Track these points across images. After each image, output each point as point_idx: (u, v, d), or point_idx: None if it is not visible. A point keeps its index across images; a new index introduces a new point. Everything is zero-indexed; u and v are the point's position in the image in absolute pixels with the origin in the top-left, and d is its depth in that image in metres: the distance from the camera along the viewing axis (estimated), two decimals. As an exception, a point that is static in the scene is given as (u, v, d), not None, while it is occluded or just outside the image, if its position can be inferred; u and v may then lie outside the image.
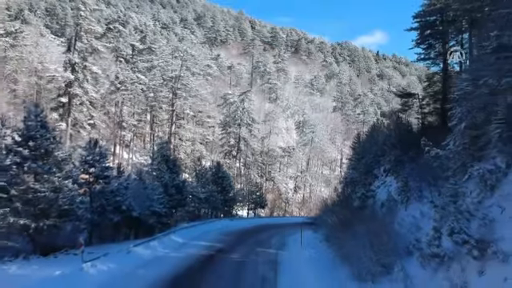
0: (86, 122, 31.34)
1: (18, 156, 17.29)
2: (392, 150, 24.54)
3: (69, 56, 30.65)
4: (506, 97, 12.15)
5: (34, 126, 17.64)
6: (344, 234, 17.95)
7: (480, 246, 9.39)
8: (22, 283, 12.32)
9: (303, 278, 15.32)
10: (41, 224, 17.24)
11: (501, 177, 11.58)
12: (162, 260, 17.80)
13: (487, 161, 12.91)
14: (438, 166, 16.35)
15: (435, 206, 12.72)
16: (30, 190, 17.08)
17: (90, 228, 21.06)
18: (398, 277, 12.32)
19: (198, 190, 38.01)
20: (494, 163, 12.19)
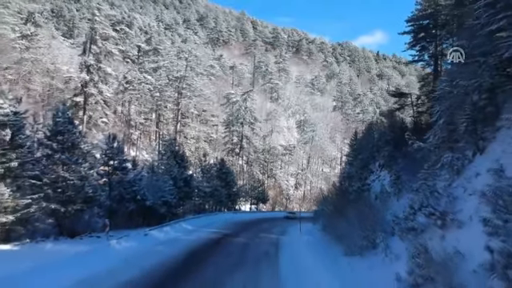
0: (99, 119, 33.46)
1: (48, 148, 19.51)
2: (386, 146, 26.61)
3: (84, 58, 32.83)
4: (471, 96, 14.28)
5: (62, 122, 19.86)
6: (338, 220, 20.19)
7: (442, 217, 11.58)
8: (62, 255, 14.50)
9: (301, 254, 17.52)
10: (69, 208, 19.45)
11: (466, 163, 13.74)
12: (176, 241, 20.03)
13: (459, 151, 15.07)
14: (420, 158, 18.51)
15: (412, 190, 14.92)
16: (59, 178, 19.30)
17: (108, 215, 23.23)
18: (380, 249, 14.49)
19: (204, 184, 40.18)
20: (462, 152, 14.34)
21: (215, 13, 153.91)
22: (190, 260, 15.25)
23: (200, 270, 13.28)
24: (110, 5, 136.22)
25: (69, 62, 50.14)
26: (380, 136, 29.51)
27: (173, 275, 12.50)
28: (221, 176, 45.10)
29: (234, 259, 15.99)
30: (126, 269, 12.66)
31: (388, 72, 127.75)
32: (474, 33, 15.60)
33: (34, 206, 18.04)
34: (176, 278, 12.14)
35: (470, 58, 15.39)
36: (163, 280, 11.75)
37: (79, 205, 20.11)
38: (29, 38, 42.51)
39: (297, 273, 13.68)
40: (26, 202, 17.85)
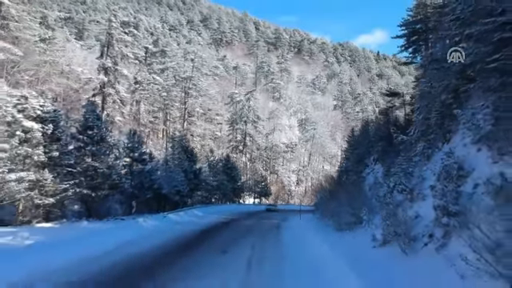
0: (116, 118, 36.31)
1: (80, 141, 22.46)
2: (380, 141, 29.44)
3: (102, 61, 35.77)
4: (441, 96, 17.15)
5: (92, 119, 22.81)
6: (333, 203, 23.18)
7: (411, 192, 14.48)
8: (102, 229, 17.46)
9: (299, 231, 20.46)
10: (98, 193, 22.41)
11: (436, 151, 16.62)
12: (191, 222, 23.01)
13: (431, 141, 17.94)
14: (403, 149, 21.39)
15: (392, 174, 17.81)
16: (90, 167, 22.25)
17: (129, 201, 26.24)
18: (364, 224, 17.38)
19: (210, 178, 43.14)
20: (433, 142, 17.22)
21: (218, 14, 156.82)
22: (206, 233, 18.24)
23: (214, 238, 16.31)
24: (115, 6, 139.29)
25: (82, 63, 53.12)
26: (375, 132, 32.42)
27: (193, 240, 15.52)
28: (226, 171, 48.09)
29: (242, 233, 18.92)
30: (157, 236, 15.66)
31: (388, 72, 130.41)
32: (445, 41, 18.53)
33: (70, 191, 20.99)
34: (196, 241, 15.13)
35: (442, 62, 18.28)
36: (187, 243, 14.75)
37: (106, 191, 23.08)
38: (47, 42, 45.40)
39: (295, 241, 16.61)
40: (64, 187, 20.81)
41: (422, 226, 11.46)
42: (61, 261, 10.10)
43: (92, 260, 10.69)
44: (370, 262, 10.85)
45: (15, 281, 8.22)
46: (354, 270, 9.77)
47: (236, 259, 11.49)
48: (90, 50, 64.52)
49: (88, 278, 8.75)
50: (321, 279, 8.98)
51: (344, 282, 8.46)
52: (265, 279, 8.92)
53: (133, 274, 9.54)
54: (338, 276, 9.25)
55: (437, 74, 18.73)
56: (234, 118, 71.22)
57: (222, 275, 9.22)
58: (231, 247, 13.81)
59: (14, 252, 11.63)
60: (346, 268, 10.28)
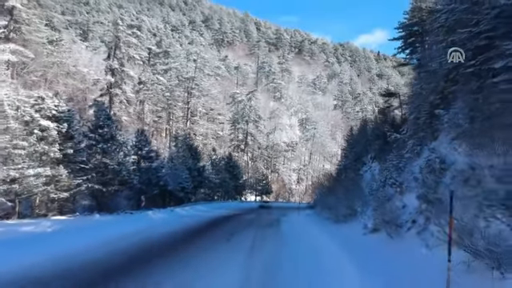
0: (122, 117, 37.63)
1: (92, 139, 23.82)
2: (377, 140, 30.79)
3: (109, 62, 37.12)
4: (429, 96, 18.45)
5: (103, 118, 24.16)
6: (330, 197, 24.57)
7: (400, 185, 15.79)
8: (112, 221, 18.78)
9: (298, 224, 21.79)
10: (109, 189, 23.77)
11: (424, 148, 17.93)
12: (197, 215, 24.33)
13: (421, 139, 19.25)
14: (396, 146, 22.71)
15: (384, 169, 19.12)
16: (101, 164, 23.62)
17: (137, 196, 27.59)
18: (358, 215, 18.71)
19: (213, 176, 44.48)
20: (422, 140, 18.53)
21: (220, 14, 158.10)
22: (211, 224, 19.61)
23: (219, 228, 17.64)
24: (118, 7, 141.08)
25: (88, 64, 54.52)
26: (372, 131, 33.75)
27: (202, 228, 16.88)
28: (228, 169, 49.44)
29: (245, 225, 20.27)
30: (168, 225, 17.04)
31: (388, 72, 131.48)
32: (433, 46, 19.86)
33: (83, 186, 22.36)
34: (204, 229, 16.51)
35: (431, 65, 19.58)
36: (195, 230, 16.11)
37: (116, 186, 24.46)
38: (54, 44, 46.77)
39: (294, 231, 17.95)
40: (77, 182, 22.20)
41: (407, 213, 12.77)
42: (86, 242, 11.45)
43: (114, 241, 12.08)
44: (359, 245, 12.20)
45: (55, 255, 9.60)
46: (345, 251, 11.12)
47: (240, 244, 12.82)
48: (95, 51, 65.88)
49: (116, 253, 10.13)
50: (316, 258, 10.29)
51: (335, 259, 9.77)
52: (266, 258, 10.24)
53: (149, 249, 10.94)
54: (331, 254, 10.58)
55: (426, 76, 20.08)
56: (235, 118, 72.55)
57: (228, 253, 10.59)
58: (235, 235, 15.15)
59: (44, 237, 13.00)
60: (339, 250, 11.64)
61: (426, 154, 17.40)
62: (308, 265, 9.06)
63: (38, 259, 9.26)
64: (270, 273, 8.29)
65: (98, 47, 67.45)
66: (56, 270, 8.31)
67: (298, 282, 7.60)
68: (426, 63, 19.74)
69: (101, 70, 52.91)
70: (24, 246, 11.45)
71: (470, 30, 12.14)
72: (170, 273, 8.09)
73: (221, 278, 7.70)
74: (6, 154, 19.37)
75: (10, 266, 8.34)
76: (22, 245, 11.60)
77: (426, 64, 19.81)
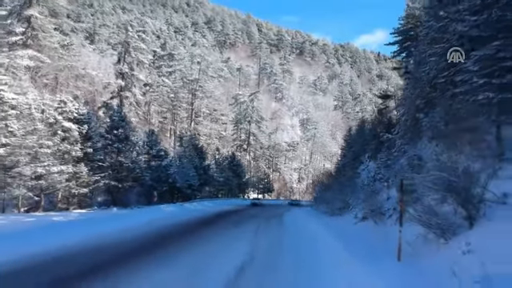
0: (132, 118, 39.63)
1: (108, 140, 25.88)
2: (373, 140, 32.80)
3: (119, 67, 39.23)
4: (416, 100, 20.45)
5: (117, 120, 26.23)
6: (327, 193, 26.59)
7: (387, 181, 17.82)
8: (129, 213, 20.84)
9: (298, 217, 23.84)
10: (124, 185, 25.84)
11: (409, 147, 19.96)
12: (204, 209, 26.51)
13: (408, 139, 21.25)
14: (387, 146, 24.72)
15: (377, 166, 21.14)
16: (117, 162, 25.68)
17: (148, 192, 29.66)
18: (351, 208, 20.74)
19: (216, 174, 46.52)
20: (409, 140, 20.54)
21: (222, 16, 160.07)
22: (220, 216, 21.79)
23: (227, 218, 19.71)
24: (121, 9, 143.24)
25: (97, 67, 56.62)
26: (369, 132, 35.77)
27: (210, 219, 18.96)
28: (232, 168, 51.48)
29: (249, 217, 22.34)
30: (181, 216, 19.13)
31: (388, 73, 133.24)
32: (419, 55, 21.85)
33: (101, 182, 24.44)
34: (213, 220, 18.57)
35: (416, 73, 21.57)
36: (205, 221, 18.20)
37: (130, 182, 26.52)
38: (65, 48, 48.86)
39: (295, 223, 19.98)
40: (95, 179, 24.26)
41: (390, 203, 14.80)
42: (113, 228, 13.54)
43: (137, 227, 14.14)
44: (348, 231, 14.24)
45: (89, 237, 11.67)
46: (335, 235, 13.16)
47: (247, 229, 14.88)
48: (102, 53, 67.93)
49: (143, 235, 12.19)
50: (311, 240, 12.33)
51: (326, 240, 11.81)
52: (269, 237, 12.29)
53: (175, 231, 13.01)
54: (323, 238, 12.62)
55: (413, 82, 22.11)
56: (238, 118, 74.60)
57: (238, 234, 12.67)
58: (242, 223, 17.23)
59: (74, 224, 15.07)
60: (330, 235, 13.67)
61: (410, 152, 19.45)
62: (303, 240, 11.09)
63: (76, 239, 11.32)
64: (273, 246, 10.35)
65: (105, 50, 69.47)
66: (93, 247, 10.40)
67: (295, 252, 9.64)
68: (413, 70, 21.79)
69: (109, 73, 55.04)
70: (62, 230, 13.57)
71: (443, 45, 14.13)
72: (197, 246, 10.15)
73: (235, 249, 9.76)
74: (34, 152, 21.41)
75: (58, 244, 10.39)
76: (60, 230, 13.74)
77: (413, 71, 21.87)
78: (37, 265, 7.95)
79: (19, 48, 34.07)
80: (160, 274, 7.08)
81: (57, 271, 7.52)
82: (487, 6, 10.33)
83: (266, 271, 7.56)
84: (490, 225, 7.36)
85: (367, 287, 6.00)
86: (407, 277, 6.12)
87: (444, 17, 13.98)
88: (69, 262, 8.42)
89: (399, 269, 6.80)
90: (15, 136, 20.02)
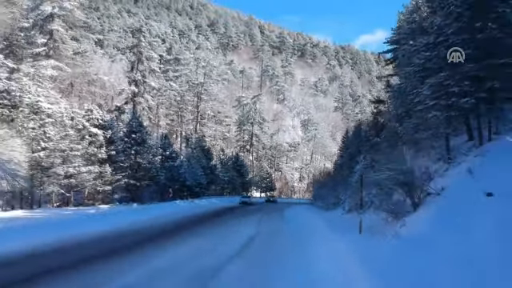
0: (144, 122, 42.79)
1: (127, 143, 29.08)
2: (367, 141, 35.88)
3: (132, 74, 42.44)
4: (398, 110, 23.52)
5: (135, 125, 29.42)
6: (323, 190, 29.74)
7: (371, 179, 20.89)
8: (149, 207, 24.03)
9: (297, 212, 27.00)
10: (141, 183, 29.06)
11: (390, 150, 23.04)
12: (213, 205, 29.84)
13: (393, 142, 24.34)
14: (375, 148, 27.81)
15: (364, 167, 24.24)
16: (135, 163, 28.88)
17: (162, 190, 32.85)
18: (342, 203, 23.91)
19: (222, 174, 49.71)
20: (392, 144, 23.63)
21: (225, 18, 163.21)
22: (228, 209, 25.04)
23: (235, 211, 22.92)
24: (127, 12, 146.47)
25: (108, 72, 59.87)
26: (365, 133, 38.89)
27: (222, 212, 22.20)
28: (236, 168, 54.67)
29: (253, 211, 25.55)
30: (194, 209, 22.35)
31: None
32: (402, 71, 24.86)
33: (122, 181, 27.65)
34: (222, 212, 21.81)
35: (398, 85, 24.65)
36: (216, 213, 21.43)
37: (147, 181, 29.73)
38: (79, 55, 52.09)
39: (294, 216, 23.18)
40: (117, 178, 27.47)
41: (368, 198, 17.94)
42: (145, 217, 16.75)
43: (163, 216, 17.36)
44: (335, 219, 17.45)
45: (124, 223, 14.86)
46: (323, 221, 16.34)
47: (252, 219, 18.09)
48: (112, 58, 71.18)
49: (170, 222, 15.38)
50: (303, 223, 15.50)
51: (315, 223, 14.98)
52: (270, 225, 15.47)
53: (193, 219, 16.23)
54: (314, 222, 15.80)
55: (396, 92, 25.21)
56: (241, 120, 77.80)
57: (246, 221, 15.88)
58: (248, 215, 20.44)
59: (110, 215, 18.28)
60: (322, 223, 16.85)
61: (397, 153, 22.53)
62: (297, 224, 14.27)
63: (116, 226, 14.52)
64: (273, 227, 13.55)
65: (114, 55, 72.63)
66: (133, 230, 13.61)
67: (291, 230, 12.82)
68: (394, 83, 24.92)
69: (119, 78, 58.32)
70: (100, 220, 16.77)
71: (412, 68, 17.22)
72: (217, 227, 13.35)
73: (243, 231, 12.96)
74: (66, 155, 24.62)
75: (97, 230, 13.53)
76: (97, 220, 16.94)
77: (393, 84, 25.01)
78: (87, 242, 10.90)
79: (42, 58, 37.22)
80: (196, 242, 10.31)
81: (109, 245, 10.64)
82: (438, 43, 13.45)
83: (270, 238, 10.78)
84: (424, 208, 10.53)
85: (335, 244, 9.18)
86: (360, 240, 9.28)
87: (413, 45, 17.07)
88: (115, 239, 11.61)
89: (357, 236, 9.99)
90: (52, 141, 23.20)
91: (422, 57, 13.91)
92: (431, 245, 6.66)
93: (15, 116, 22.45)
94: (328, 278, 6.22)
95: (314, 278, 6.48)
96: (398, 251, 6.72)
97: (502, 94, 13.65)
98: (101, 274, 7.25)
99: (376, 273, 5.46)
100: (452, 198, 10.47)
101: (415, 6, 23.39)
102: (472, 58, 13.21)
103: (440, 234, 7.25)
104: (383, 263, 6.04)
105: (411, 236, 8.13)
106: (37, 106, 23.35)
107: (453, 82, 13.00)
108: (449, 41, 13.31)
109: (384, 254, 6.82)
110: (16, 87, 22.80)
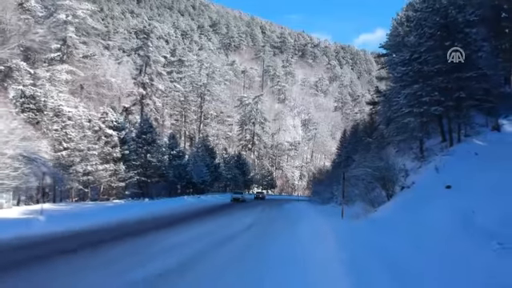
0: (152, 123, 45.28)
1: (139, 143, 31.48)
2: (362, 141, 38.21)
3: (141, 77, 44.87)
4: (387, 113, 25.84)
5: (146, 127, 31.82)
6: (320, 187, 32.13)
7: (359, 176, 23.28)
8: (160, 201, 26.46)
9: (296, 206, 29.41)
10: (152, 180, 31.47)
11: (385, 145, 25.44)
12: (218, 200, 32.09)
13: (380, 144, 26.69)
14: (368, 149, 30.16)
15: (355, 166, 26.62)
16: (146, 161, 31.28)
17: (170, 187, 35.26)
18: (335, 198, 26.29)
19: (226, 172, 52.10)
20: (381, 144, 26.01)
21: (226, 18, 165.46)
22: (230, 204, 27.32)
23: (235, 207, 25.37)
24: (130, 13, 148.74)
25: (115, 74, 62.24)
26: (361, 133, 41.24)
27: (225, 205, 24.59)
28: (238, 166, 57.05)
29: (255, 205, 27.97)
30: (202, 204, 24.75)
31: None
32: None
33: (134, 178, 30.06)
34: (227, 206, 24.22)
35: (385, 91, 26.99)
36: (222, 206, 23.83)
37: (156, 178, 32.14)
38: (89, 58, 54.49)
39: (291, 208, 25.62)
40: (130, 175, 29.87)
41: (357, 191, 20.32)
42: (163, 208, 19.16)
43: (177, 208, 19.78)
44: (326, 209, 19.84)
45: (143, 213, 17.30)
46: (315, 211, 18.74)
47: (254, 210, 20.52)
48: (118, 60, 73.52)
49: (184, 212, 17.82)
50: (299, 214, 17.93)
51: (308, 212, 17.39)
52: (270, 214, 17.91)
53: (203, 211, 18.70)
54: (308, 214, 18.22)
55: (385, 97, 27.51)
56: (243, 120, 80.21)
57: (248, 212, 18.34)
58: (250, 207, 22.88)
59: (130, 207, 20.70)
60: (314, 213, 19.26)
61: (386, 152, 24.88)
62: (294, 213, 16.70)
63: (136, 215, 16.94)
64: (273, 215, 15.98)
65: (121, 57, 74.94)
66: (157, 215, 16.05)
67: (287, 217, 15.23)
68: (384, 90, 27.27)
69: (126, 79, 60.74)
70: (125, 210, 19.19)
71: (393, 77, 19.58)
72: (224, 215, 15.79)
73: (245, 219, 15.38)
74: (84, 154, 27.03)
75: (132, 215, 16.01)
76: (124, 210, 19.36)
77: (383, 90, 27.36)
78: (131, 223, 13.49)
79: (57, 63, 39.63)
80: (214, 223, 12.81)
81: (150, 224, 13.08)
82: (412, 60, 15.81)
83: (269, 221, 13.27)
84: (395, 198, 12.91)
85: (319, 223, 11.60)
86: (340, 221, 11.69)
87: (395, 58, 19.42)
88: (152, 221, 14.06)
89: (339, 220, 12.43)
90: (72, 141, 25.62)
91: (399, 71, 16.25)
92: (387, 222, 9.02)
93: (40, 119, 24.85)
94: (308, 238, 8.71)
95: (299, 238, 9.11)
96: (362, 225, 9.10)
97: (468, 102, 16.03)
98: (156, 237, 10.66)
99: (340, 234, 7.85)
100: (418, 190, 12.85)
101: (400, 21, 25.69)
102: (442, 72, 15.60)
103: (396, 215, 9.62)
104: (346, 230, 8.44)
105: (377, 218, 10.50)
106: (58, 110, 25.75)
107: (425, 92, 15.35)
108: (421, 57, 15.67)
109: (351, 227, 9.22)
110: (41, 93, 25.18)
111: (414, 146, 17.98)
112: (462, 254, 6.55)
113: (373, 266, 5.80)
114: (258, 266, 7.13)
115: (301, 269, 6.38)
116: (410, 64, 15.78)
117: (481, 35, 16.74)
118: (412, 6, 23.65)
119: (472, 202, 10.23)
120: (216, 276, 6.48)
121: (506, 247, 7.53)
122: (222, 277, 6.38)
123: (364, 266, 5.88)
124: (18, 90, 25.31)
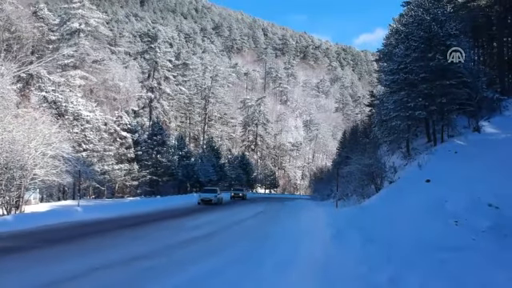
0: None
1: (150, 144, 33.60)
2: (361, 141, 40.24)
3: (149, 82, 47.03)
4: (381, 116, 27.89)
5: (157, 129, 33.94)
6: (320, 185, 34.20)
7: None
8: (172, 198, 28.55)
9: (297, 203, 31.50)
10: (163, 179, 33.61)
11: (379, 145, 27.49)
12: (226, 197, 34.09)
13: (377, 145, 28.75)
14: (365, 149, 32.20)
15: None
16: (157, 162, 33.41)
17: (179, 185, 37.37)
18: (333, 195, 28.33)
19: (230, 172, 54.19)
20: (377, 145, 28.05)
21: (229, 21, 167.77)
22: (234, 201, 29.43)
23: (239, 203, 27.54)
24: (134, 16, 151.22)
25: (123, 78, 64.45)
26: (360, 134, 43.32)
27: (232, 202, 26.71)
28: (242, 166, 59.14)
29: (259, 202, 30.10)
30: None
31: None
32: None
33: (147, 177, 32.19)
34: (234, 202, 26.34)
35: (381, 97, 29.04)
36: (228, 201, 25.96)
37: (167, 177, 34.26)
38: (98, 63, 56.68)
39: (293, 203, 27.69)
40: (142, 174, 32.01)
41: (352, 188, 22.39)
42: (178, 202, 21.28)
43: (190, 202, 21.89)
44: (324, 204, 21.88)
45: (159, 206, 19.42)
46: (317, 206, 20.81)
47: (259, 205, 22.64)
48: (125, 64, 75.75)
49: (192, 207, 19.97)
50: (300, 207, 20.02)
51: (310, 206, 19.47)
52: (273, 207, 20.02)
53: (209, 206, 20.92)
54: (308, 206, 20.31)
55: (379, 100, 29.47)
56: (246, 121, 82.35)
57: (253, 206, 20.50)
58: (253, 205, 25.00)
59: (147, 202, 22.81)
60: (315, 206, 21.34)
61: (380, 152, 26.94)
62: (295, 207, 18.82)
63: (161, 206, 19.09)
64: (277, 208, 18.10)
65: (127, 61, 77.21)
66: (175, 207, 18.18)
67: (289, 210, 17.35)
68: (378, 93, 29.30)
69: (133, 83, 62.95)
70: (144, 205, 21.30)
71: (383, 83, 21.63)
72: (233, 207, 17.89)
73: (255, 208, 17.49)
74: (101, 155, 29.19)
75: (152, 208, 18.11)
76: (143, 204, 21.48)
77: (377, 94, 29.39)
78: (154, 213, 15.63)
79: (70, 69, 41.78)
80: (225, 211, 14.98)
81: (171, 213, 15.25)
82: (399, 69, 17.87)
83: (274, 212, 15.45)
84: (382, 191, 14.97)
85: (318, 213, 13.70)
86: (334, 209, 13.77)
87: (386, 66, 21.49)
88: (172, 211, 16.27)
89: (333, 208, 14.49)
90: (91, 143, 27.76)
91: (388, 79, 18.32)
92: (371, 208, 11.10)
93: (62, 123, 26.99)
94: (306, 220, 10.87)
95: (299, 219, 11.33)
96: (350, 211, 11.20)
97: (450, 106, 18.08)
98: (181, 221, 13.43)
99: (330, 216, 9.92)
100: (401, 183, 14.92)
101: (392, 31, 27.71)
102: (426, 80, 17.66)
103: (380, 203, 11.70)
104: (336, 215, 10.53)
105: (364, 206, 12.58)
106: (78, 114, 27.91)
107: (410, 98, 17.42)
108: (407, 67, 17.74)
109: (341, 213, 11.31)
110: (62, 98, 27.34)
111: (402, 145, 20.02)
112: (422, 228, 8.62)
113: (350, 233, 7.88)
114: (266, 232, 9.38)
115: (300, 232, 8.61)
116: (397, 73, 17.84)
117: (462, 46, 18.79)
118: (403, 17, 25.69)
119: (445, 193, 12.33)
120: (231, 240, 9.27)
121: (459, 224, 9.70)
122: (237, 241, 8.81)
123: (345, 234, 7.96)
124: (41, 95, 27.48)
